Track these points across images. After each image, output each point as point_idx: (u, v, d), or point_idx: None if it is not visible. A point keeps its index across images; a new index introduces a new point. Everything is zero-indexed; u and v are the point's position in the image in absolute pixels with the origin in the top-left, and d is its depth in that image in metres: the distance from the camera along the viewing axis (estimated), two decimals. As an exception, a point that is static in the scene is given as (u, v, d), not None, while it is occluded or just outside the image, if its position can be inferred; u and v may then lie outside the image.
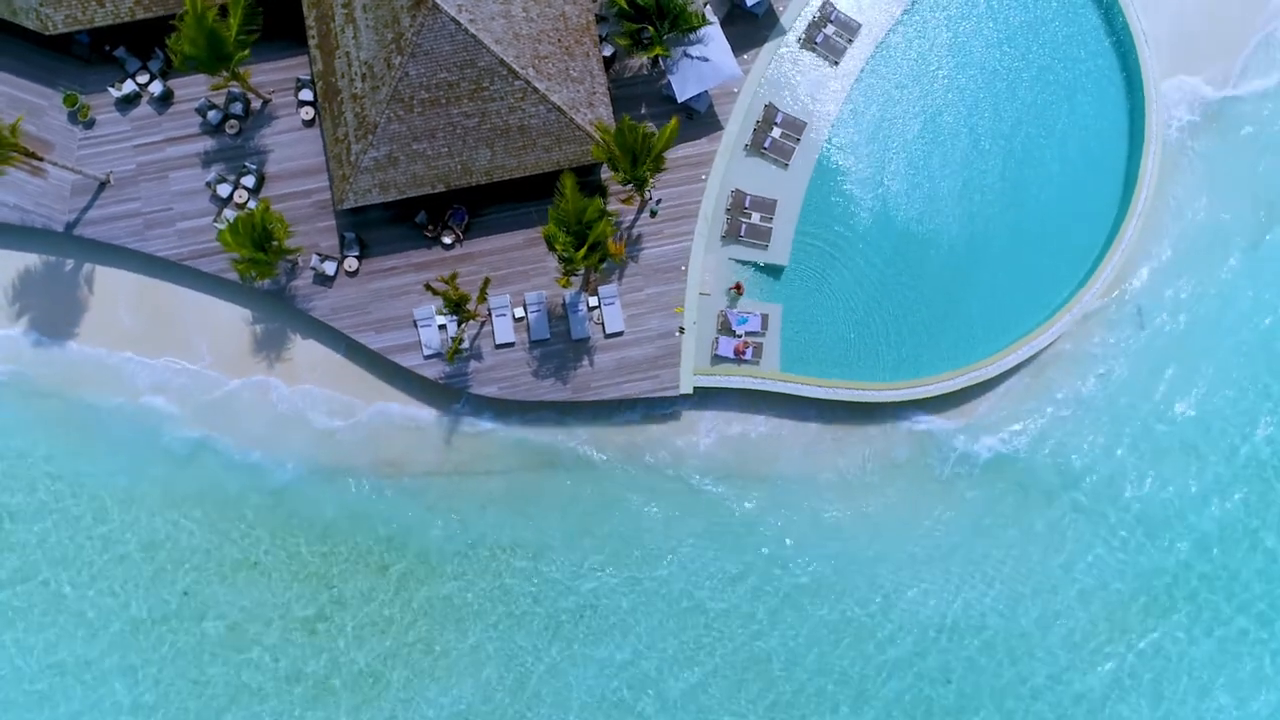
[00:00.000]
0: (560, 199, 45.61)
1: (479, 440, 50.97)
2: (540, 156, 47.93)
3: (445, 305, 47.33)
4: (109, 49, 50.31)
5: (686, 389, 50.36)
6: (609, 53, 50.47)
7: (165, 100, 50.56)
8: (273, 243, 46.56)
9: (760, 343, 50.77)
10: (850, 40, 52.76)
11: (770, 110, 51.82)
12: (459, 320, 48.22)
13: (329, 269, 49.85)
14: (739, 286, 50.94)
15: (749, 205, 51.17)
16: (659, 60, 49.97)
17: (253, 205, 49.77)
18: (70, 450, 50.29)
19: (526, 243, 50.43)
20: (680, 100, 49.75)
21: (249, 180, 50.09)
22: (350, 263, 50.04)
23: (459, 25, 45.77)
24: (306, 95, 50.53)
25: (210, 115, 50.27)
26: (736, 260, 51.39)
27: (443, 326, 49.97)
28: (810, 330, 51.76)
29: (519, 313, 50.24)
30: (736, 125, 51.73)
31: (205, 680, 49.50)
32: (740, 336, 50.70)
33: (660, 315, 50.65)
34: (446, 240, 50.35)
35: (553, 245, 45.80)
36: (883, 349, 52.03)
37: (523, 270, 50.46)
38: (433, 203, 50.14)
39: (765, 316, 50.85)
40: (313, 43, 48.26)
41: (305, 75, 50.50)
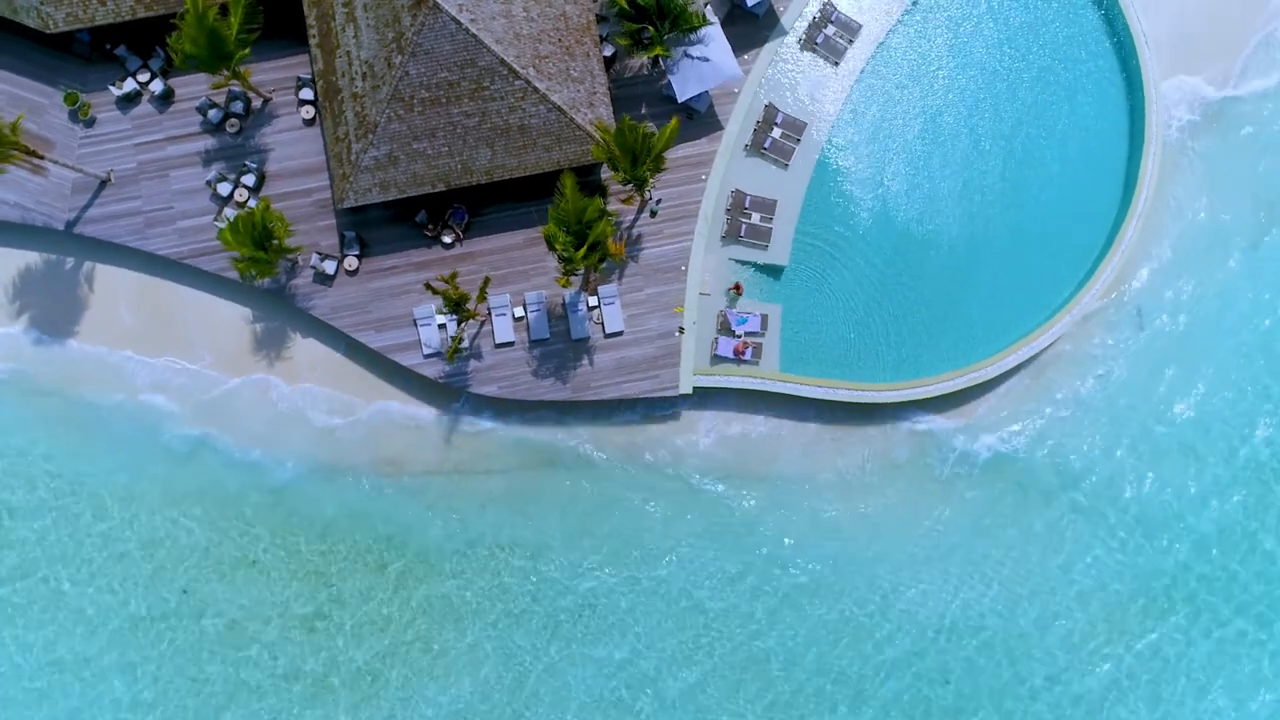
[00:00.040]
0: (560, 199, 45.63)
1: (478, 439, 51.00)
2: (540, 156, 47.94)
3: (445, 304, 47.34)
4: (110, 47, 50.32)
5: (686, 389, 50.36)
6: (609, 53, 50.46)
7: (166, 99, 50.58)
8: (273, 241, 46.60)
9: (760, 343, 50.77)
10: (851, 41, 52.73)
11: (770, 110, 51.80)
12: (459, 319, 48.22)
13: (329, 268, 49.88)
14: (738, 287, 50.93)
15: (749, 205, 51.15)
16: (659, 60, 49.97)
17: (253, 204, 49.78)
18: (70, 448, 50.35)
19: (526, 242, 50.45)
20: (680, 100, 49.74)
21: (249, 179, 50.12)
22: (350, 262, 50.07)
23: (459, 25, 45.79)
24: (307, 94, 50.53)
25: (211, 114, 50.30)
26: (736, 260, 51.37)
27: (442, 326, 49.99)
28: (810, 330, 51.74)
29: (519, 312, 50.25)
30: (737, 125, 51.70)
31: (204, 678, 49.57)
32: (740, 337, 50.69)
33: (660, 315, 50.65)
34: (446, 239, 50.37)
35: (553, 245, 45.82)
36: (882, 349, 52.01)
37: (523, 270, 50.47)
38: (433, 202, 50.14)
39: (765, 317, 50.84)
40: (313, 42, 48.28)
41: (306, 74, 50.50)
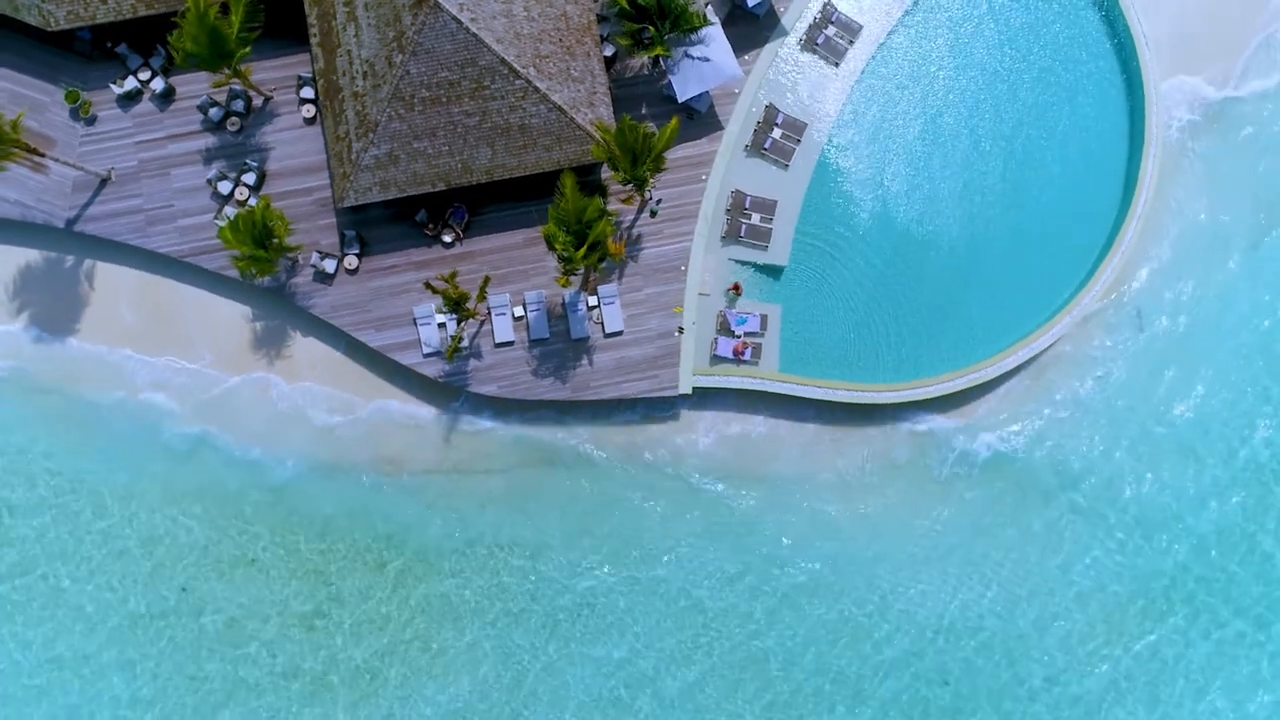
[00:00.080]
0: (560, 198, 45.65)
1: (478, 438, 51.03)
2: (541, 156, 47.96)
3: (445, 304, 47.36)
4: (111, 46, 50.36)
5: (685, 389, 50.38)
6: (610, 52, 50.47)
7: (167, 97, 50.61)
8: (273, 240, 46.62)
9: (759, 343, 50.77)
10: (851, 41, 52.70)
11: (771, 111, 51.80)
12: (458, 319, 48.23)
13: (329, 267, 49.90)
14: (737, 287, 50.92)
15: (749, 206, 51.16)
16: (660, 60, 49.98)
17: (253, 202, 49.80)
18: (70, 445, 50.39)
19: (526, 242, 50.46)
20: (681, 100, 49.76)
21: (250, 177, 50.15)
22: (350, 260, 50.09)
23: (460, 24, 45.81)
24: (308, 93, 50.55)
25: (212, 112, 50.33)
26: (736, 260, 51.38)
27: (442, 325, 50.01)
28: (810, 331, 51.74)
29: (518, 312, 50.27)
30: (737, 126, 51.70)
31: (203, 676, 49.61)
32: (739, 337, 50.69)
33: (659, 315, 50.67)
34: (447, 239, 50.40)
35: (552, 244, 45.83)
36: (882, 350, 52.01)
37: (522, 269, 50.50)
38: (433, 201, 50.15)
39: (764, 317, 50.85)
40: (314, 40, 48.31)
41: (306, 73, 50.52)
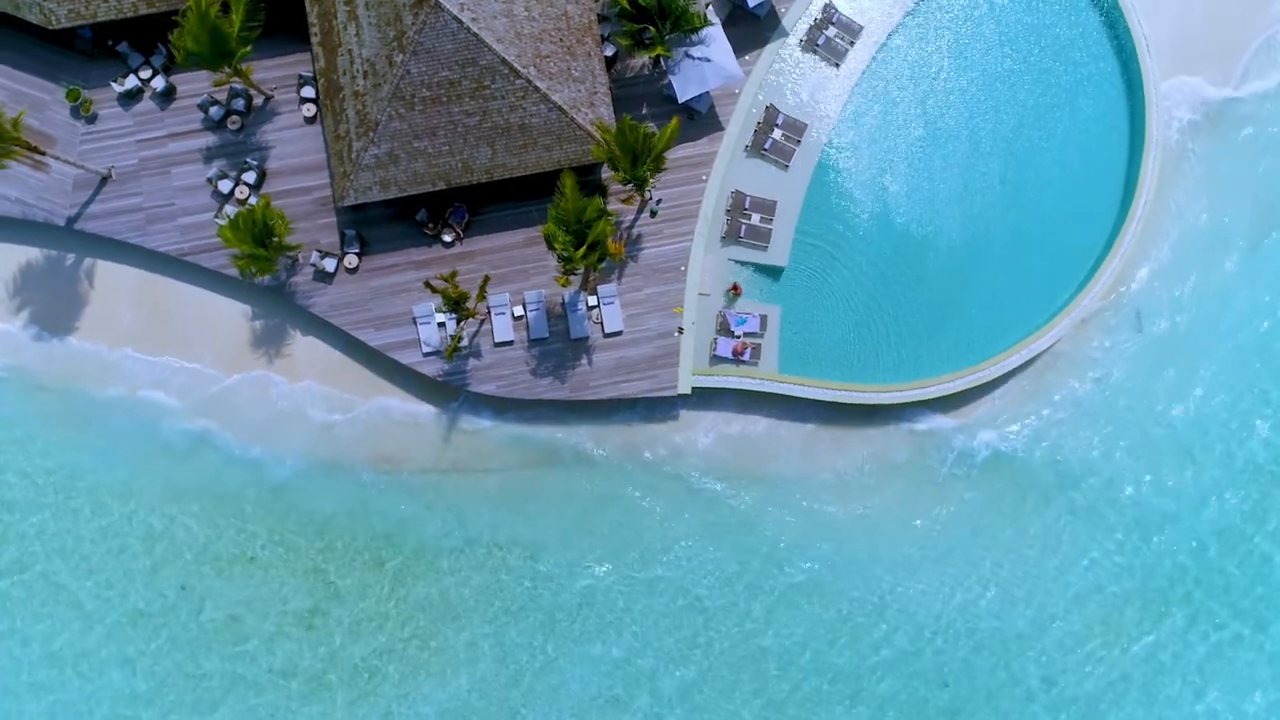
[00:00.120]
0: (560, 198, 45.67)
1: (477, 437, 51.08)
2: (541, 155, 47.98)
3: (445, 303, 47.39)
4: (112, 44, 50.36)
5: (685, 389, 50.40)
6: (610, 52, 50.47)
7: (168, 96, 50.64)
8: (273, 239, 46.65)
9: (759, 344, 50.79)
10: (852, 42, 52.66)
11: (771, 111, 51.78)
12: (458, 318, 48.27)
13: (329, 266, 49.94)
14: (736, 287, 50.96)
15: (749, 206, 51.16)
16: (660, 60, 49.97)
17: (254, 201, 49.82)
18: (69, 443, 50.43)
19: (526, 241, 50.49)
20: (681, 101, 49.75)
21: (250, 176, 50.18)
22: (350, 260, 50.13)
23: (461, 24, 45.83)
24: (308, 92, 50.55)
25: (212, 111, 50.36)
26: (736, 261, 51.39)
27: (442, 324, 50.04)
28: (809, 331, 51.74)
29: (518, 311, 50.31)
30: (737, 126, 51.69)
31: (201, 673, 49.69)
32: (739, 337, 50.72)
33: (659, 315, 50.70)
34: (447, 238, 50.43)
35: (552, 244, 45.85)
36: (882, 350, 52.02)
37: (522, 269, 50.53)
38: (433, 200, 50.15)
39: (764, 317, 50.88)
40: (315, 40, 48.34)
41: (307, 72, 50.53)
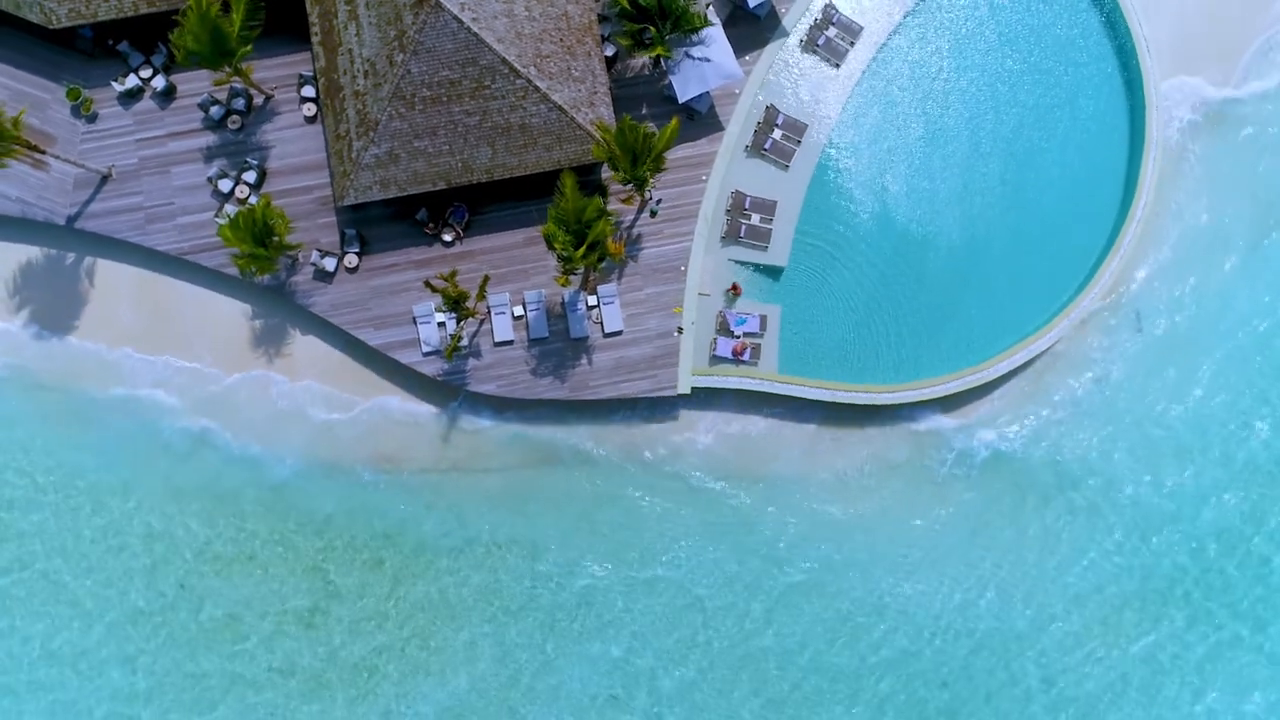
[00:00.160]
0: (560, 198, 45.70)
1: (477, 437, 51.11)
2: (541, 155, 48.01)
3: (444, 302, 47.43)
4: (112, 43, 50.38)
5: (684, 389, 50.43)
6: (611, 52, 50.48)
7: (168, 95, 50.66)
8: (273, 238, 46.68)
9: (758, 344, 50.82)
10: (852, 43, 52.65)
11: (771, 112, 51.80)
12: (458, 318, 48.30)
13: (329, 265, 49.96)
14: (736, 287, 51.00)
15: (749, 206, 51.19)
16: (660, 60, 49.97)
17: (254, 200, 49.84)
18: (69, 442, 50.47)
19: (526, 241, 50.51)
20: (681, 101, 49.76)
21: (250, 176, 50.20)
22: (350, 259, 50.15)
23: (461, 23, 45.85)
24: (308, 91, 50.56)
25: (213, 110, 50.37)
26: (736, 261, 51.42)
27: (442, 324, 50.06)
28: (809, 331, 51.78)
29: (518, 311, 50.34)
30: (737, 126, 51.70)
31: (201, 672, 49.73)
32: (738, 337, 50.75)
33: (659, 315, 50.72)
34: (447, 238, 50.45)
35: (552, 244, 45.88)
36: (882, 351, 52.06)
37: (522, 268, 50.56)
38: (433, 200, 50.18)
39: (764, 318, 50.90)
40: (315, 39, 48.36)
41: (308, 72, 50.53)
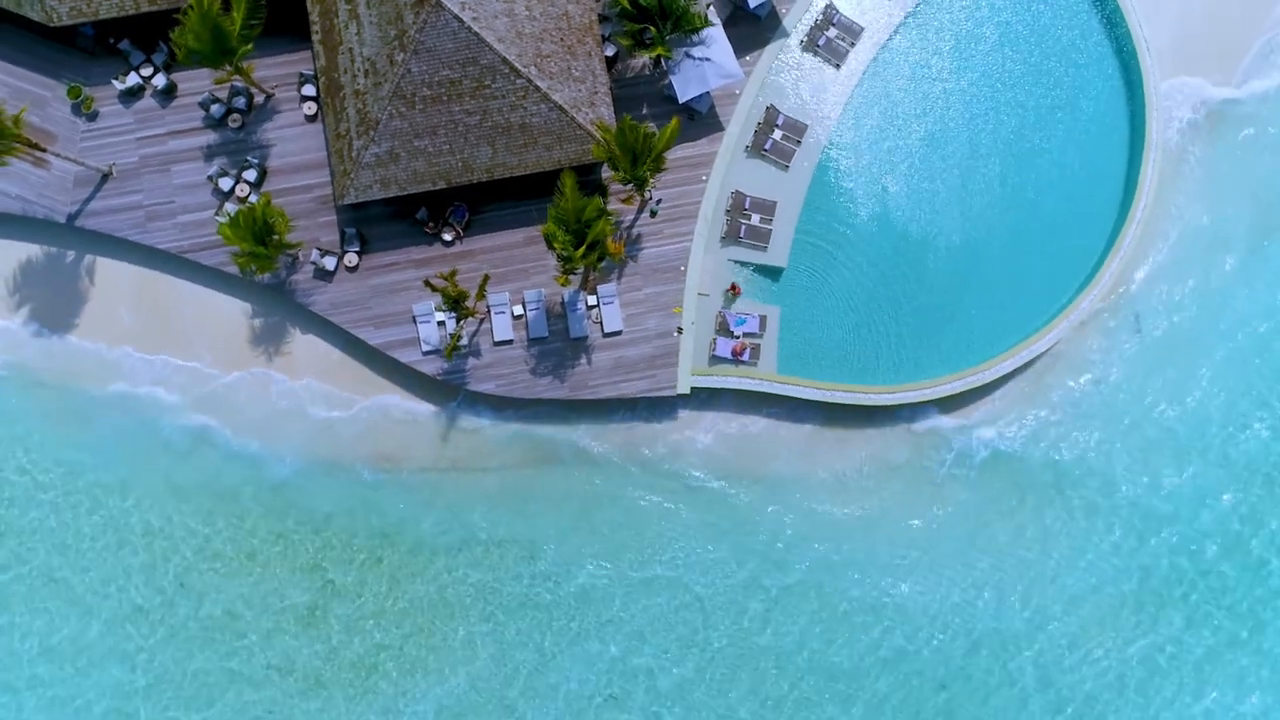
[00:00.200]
0: (560, 198, 45.72)
1: (476, 436, 51.16)
2: (541, 155, 48.03)
3: (444, 302, 47.46)
4: (113, 41, 50.37)
5: (684, 389, 50.47)
6: (611, 52, 50.50)
7: (168, 93, 50.67)
8: (273, 237, 46.72)
9: (758, 344, 50.86)
10: (852, 43, 52.66)
11: (771, 112, 51.80)
12: (458, 317, 48.33)
13: (329, 264, 50.00)
14: (735, 288, 51.04)
15: (749, 206, 51.21)
16: (661, 60, 49.98)
17: (254, 199, 49.87)
18: (70, 440, 50.50)
19: (526, 241, 50.55)
20: (682, 101, 49.77)
21: (251, 174, 50.21)
22: (350, 258, 50.19)
23: (462, 23, 45.87)
24: (309, 90, 50.57)
25: (213, 109, 50.39)
26: (735, 261, 51.44)
27: (441, 323, 50.10)
28: (809, 332, 51.80)
29: (518, 310, 50.38)
30: (737, 126, 51.70)
31: (200, 669, 49.80)
32: (738, 338, 50.79)
33: (658, 315, 50.77)
34: (447, 237, 50.48)
35: (552, 243, 45.89)
36: (881, 351, 52.09)
37: (522, 268, 50.59)
38: (433, 199, 50.19)
39: (763, 318, 50.93)
40: (316, 38, 48.37)
41: (308, 70, 50.54)
